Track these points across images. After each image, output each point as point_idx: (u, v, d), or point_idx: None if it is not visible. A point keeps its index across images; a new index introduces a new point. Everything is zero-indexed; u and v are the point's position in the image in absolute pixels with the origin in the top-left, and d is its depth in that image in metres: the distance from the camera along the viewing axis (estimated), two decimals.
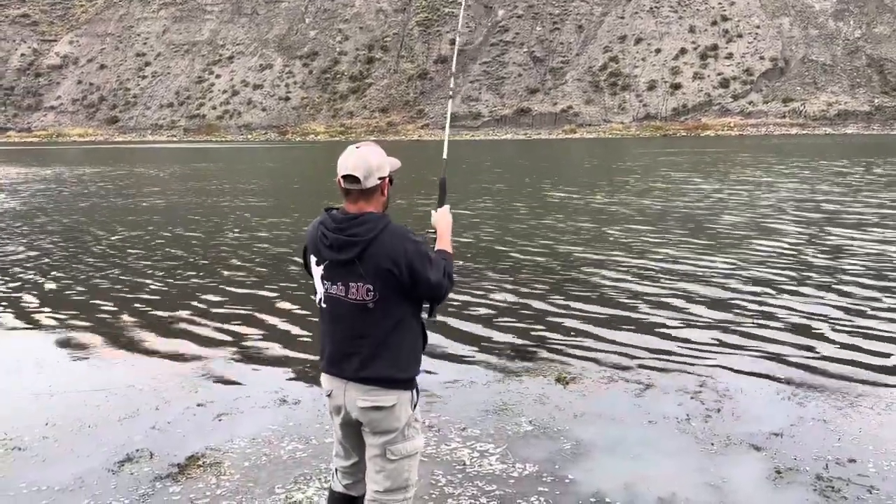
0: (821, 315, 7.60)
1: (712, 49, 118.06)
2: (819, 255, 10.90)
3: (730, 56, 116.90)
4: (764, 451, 4.43)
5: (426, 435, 4.62)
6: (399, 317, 2.81)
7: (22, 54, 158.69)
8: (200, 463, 4.35)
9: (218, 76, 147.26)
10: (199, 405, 5.33)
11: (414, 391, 2.90)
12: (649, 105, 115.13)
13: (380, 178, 2.78)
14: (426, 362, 3.12)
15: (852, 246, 11.65)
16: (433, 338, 6.47)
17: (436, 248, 2.99)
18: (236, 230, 15.02)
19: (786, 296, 8.42)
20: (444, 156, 3.58)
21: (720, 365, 6.07)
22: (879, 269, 9.83)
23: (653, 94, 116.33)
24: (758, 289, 8.78)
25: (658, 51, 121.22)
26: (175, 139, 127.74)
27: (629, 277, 9.60)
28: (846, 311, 7.76)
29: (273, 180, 31.84)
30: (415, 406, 2.91)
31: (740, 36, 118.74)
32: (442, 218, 3.11)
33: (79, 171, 37.92)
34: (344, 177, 2.75)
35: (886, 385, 5.56)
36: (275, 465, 4.32)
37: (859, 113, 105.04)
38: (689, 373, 5.91)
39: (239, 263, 11.20)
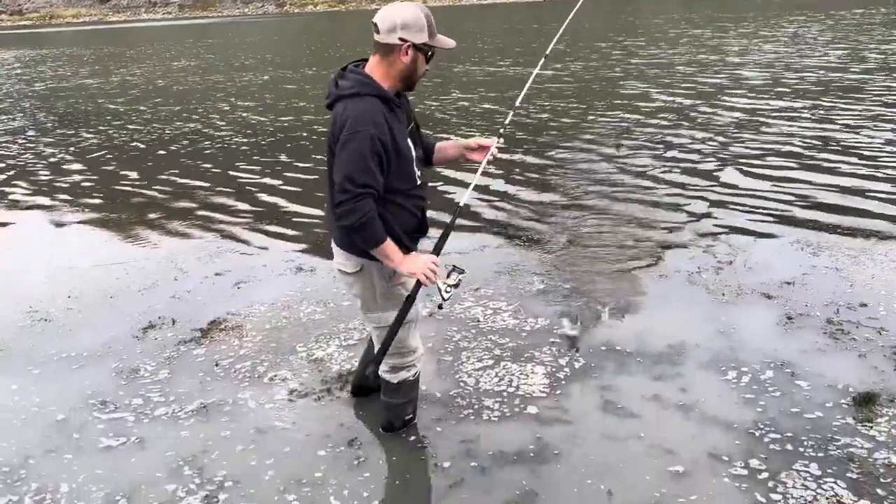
0: (834, 170, 7.47)
1: None
2: (823, 115, 10.59)
3: None
4: (775, 299, 4.47)
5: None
6: None
7: None
8: (222, 327, 4.48)
9: None
10: (216, 274, 5.43)
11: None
12: None
13: (401, 39, 2.59)
14: (434, 231, 3.05)
15: (857, 104, 11.28)
16: (438, 206, 6.46)
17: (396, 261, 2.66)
18: (245, 103, 14.73)
19: (797, 154, 8.26)
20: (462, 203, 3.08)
21: (733, 223, 6.03)
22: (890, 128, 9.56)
23: None
24: (767, 147, 8.60)
25: None
26: (171, 16, 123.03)
27: (637, 141, 9.43)
28: (859, 163, 7.61)
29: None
30: (390, 277, 2.81)
31: None
32: (414, 258, 2.70)
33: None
34: (372, 22, 2.67)
35: None
36: (295, 326, 4.44)
37: None
38: (701, 230, 5.89)
39: (250, 134, 11.06)
